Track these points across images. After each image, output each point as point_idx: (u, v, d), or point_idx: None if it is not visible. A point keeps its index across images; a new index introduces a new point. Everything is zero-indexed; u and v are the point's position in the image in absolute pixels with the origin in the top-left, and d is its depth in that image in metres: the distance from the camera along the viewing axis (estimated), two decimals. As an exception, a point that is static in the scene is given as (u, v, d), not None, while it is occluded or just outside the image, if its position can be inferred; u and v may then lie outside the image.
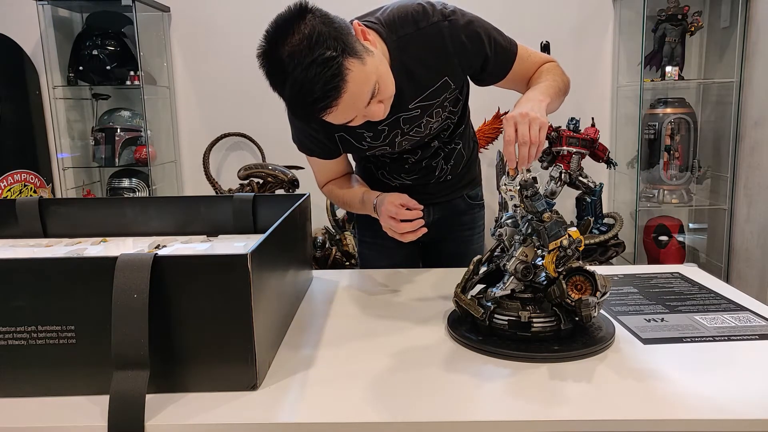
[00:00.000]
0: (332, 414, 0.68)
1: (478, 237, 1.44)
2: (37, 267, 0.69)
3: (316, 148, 1.19)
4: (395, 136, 1.15)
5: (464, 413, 0.67)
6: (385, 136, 1.14)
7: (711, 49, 2.78)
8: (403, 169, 1.28)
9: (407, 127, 1.14)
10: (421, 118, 1.13)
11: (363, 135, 1.14)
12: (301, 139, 1.18)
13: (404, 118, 1.12)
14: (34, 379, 0.71)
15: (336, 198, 1.27)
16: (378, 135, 1.14)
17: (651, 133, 2.70)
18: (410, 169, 1.27)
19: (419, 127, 1.15)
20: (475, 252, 1.41)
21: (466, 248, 1.41)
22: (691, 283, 1.12)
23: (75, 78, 2.77)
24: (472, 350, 0.84)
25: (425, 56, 1.07)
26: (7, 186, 2.71)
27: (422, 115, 1.13)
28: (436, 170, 1.29)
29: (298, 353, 0.84)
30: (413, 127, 1.14)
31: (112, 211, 1.16)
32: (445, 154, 1.27)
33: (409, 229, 1.04)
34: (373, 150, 1.18)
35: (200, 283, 0.69)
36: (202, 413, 0.67)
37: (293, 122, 1.17)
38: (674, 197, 2.73)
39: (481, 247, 1.44)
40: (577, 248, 0.82)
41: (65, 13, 2.84)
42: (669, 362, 0.79)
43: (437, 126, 1.18)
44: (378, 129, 1.12)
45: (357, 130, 1.12)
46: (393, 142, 1.16)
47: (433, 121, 1.16)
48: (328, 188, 1.27)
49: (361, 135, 1.14)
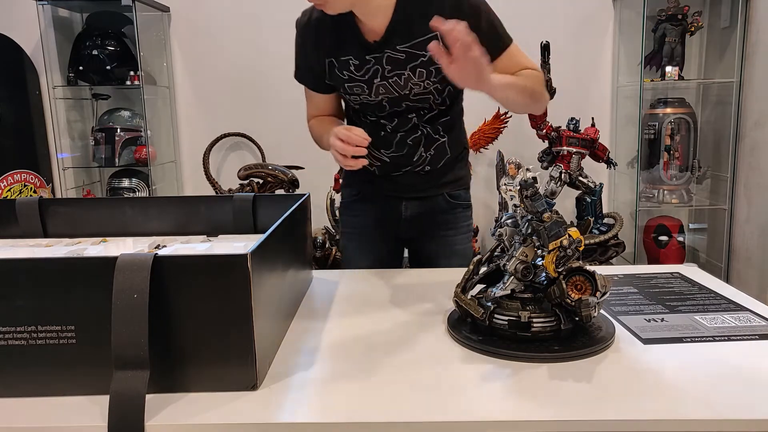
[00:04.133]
0: (332, 414, 0.68)
1: (462, 238, 1.42)
2: (37, 267, 0.69)
3: (309, 76, 1.30)
4: (375, 75, 1.20)
5: (464, 413, 0.67)
6: (368, 69, 1.20)
7: (711, 49, 2.78)
8: (381, 138, 1.29)
9: (389, 69, 1.19)
10: (404, 67, 1.18)
11: (349, 62, 1.21)
12: (299, 64, 1.30)
13: (389, 57, 1.18)
14: (34, 379, 0.71)
15: (313, 132, 1.34)
16: (362, 66, 1.21)
17: (651, 133, 2.70)
18: (387, 139, 1.29)
19: (399, 78, 1.20)
20: (459, 254, 1.40)
21: (448, 249, 1.40)
22: (691, 283, 1.12)
23: (75, 78, 2.77)
24: (472, 350, 0.84)
25: (425, 6, 1.13)
26: (7, 186, 2.71)
27: (406, 64, 1.18)
28: (414, 154, 1.30)
29: (298, 353, 0.84)
30: (394, 74, 1.19)
31: (112, 211, 1.16)
32: (425, 138, 1.29)
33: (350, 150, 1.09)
34: (353, 87, 1.23)
35: (200, 283, 0.69)
36: (202, 413, 0.67)
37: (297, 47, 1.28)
38: (674, 197, 2.73)
39: (466, 249, 1.43)
40: (577, 248, 0.82)
41: (65, 13, 2.84)
42: (669, 362, 0.79)
43: (417, 92, 1.22)
44: (366, 58, 1.20)
45: (343, 58, 1.21)
46: (372, 82, 1.21)
47: (415, 80, 1.20)
48: (311, 123, 1.35)
49: (347, 62, 1.21)
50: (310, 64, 1.28)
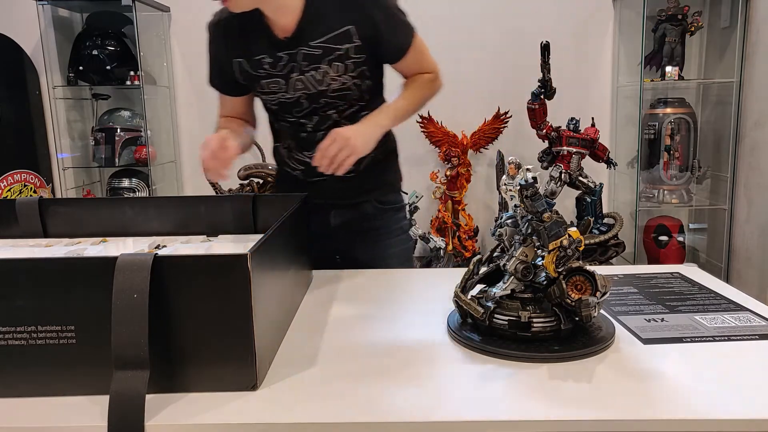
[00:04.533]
0: (332, 414, 0.68)
1: (396, 241, 1.39)
2: (37, 267, 0.69)
3: (221, 78, 1.30)
4: (291, 71, 1.19)
5: (464, 413, 0.67)
6: (283, 66, 1.19)
7: (711, 49, 2.78)
8: (302, 140, 1.29)
9: (306, 64, 1.18)
10: (321, 61, 1.18)
11: (262, 61, 1.20)
12: (212, 66, 1.30)
13: (305, 53, 1.18)
14: (34, 379, 0.71)
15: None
16: (276, 63, 1.19)
17: (651, 133, 2.70)
18: (308, 140, 1.27)
19: (316, 72, 1.19)
20: (396, 256, 1.37)
21: (383, 252, 1.36)
22: (691, 283, 1.12)
23: (75, 78, 2.78)
24: (472, 350, 0.84)
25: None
26: (7, 186, 2.71)
27: (322, 58, 1.18)
28: None
29: (298, 353, 0.84)
30: (311, 69, 1.19)
31: (112, 211, 1.16)
32: None
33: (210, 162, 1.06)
34: (270, 84, 1.22)
35: (200, 283, 0.69)
36: (202, 413, 0.67)
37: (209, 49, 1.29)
38: (674, 197, 2.73)
39: (404, 250, 1.40)
40: (577, 248, 0.82)
41: (65, 13, 2.84)
42: (669, 362, 0.79)
43: (336, 88, 1.21)
44: (277, 55, 1.18)
45: (255, 57, 1.20)
46: (289, 77, 1.20)
47: (332, 74, 1.19)
48: (219, 123, 1.35)
49: (259, 62, 1.20)
50: (221, 66, 1.27)
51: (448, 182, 2.76)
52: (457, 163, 2.71)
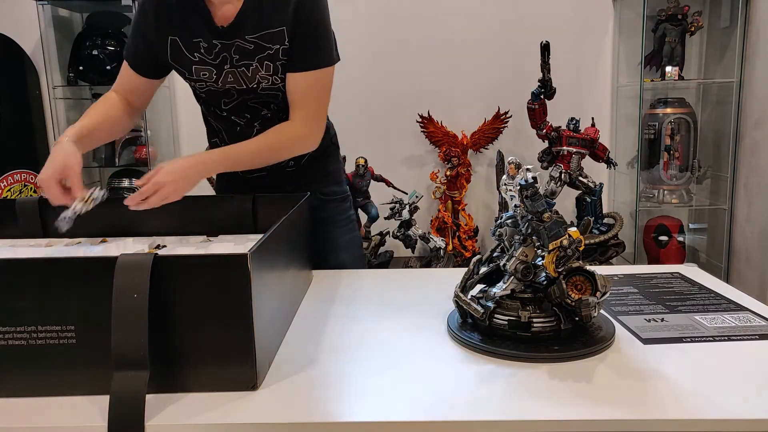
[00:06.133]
0: (332, 414, 0.68)
1: (343, 231, 1.38)
2: (37, 267, 0.69)
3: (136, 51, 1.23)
4: (224, 62, 1.18)
5: (464, 413, 0.67)
6: (217, 53, 1.17)
7: (711, 49, 2.78)
8: (238, 134, 1.27)
9: (237, 58, 1.17)
10: (253, 58, 1.17)
11: (199, 44, 1.17)
12: (134, 36, 1.22)
13: (237, 46, 1.16)
14: (34, 379, 0.71)
15: (93, 105, 1.25)
16: (211, 49, 1.17)
17: (651, 133, 2.70)
18: (245, 134, 1.26)
19: (247, 69, 1.18)
20: (344, 247, 1.37)
21: (331, 245, 1.36)
22: (691, 283, 1.12)
23: (75, 78, 2.77)
24: (472, 350, 0.84)
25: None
26: (7, 186, 2.71)
27: (254, 55, 1.16)
28: None
29: (298, 353, 0.84)
30: (242, 63, 1.17)
31: (112, 211, 1.16)
32: None
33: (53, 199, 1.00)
34: (201, 71, 1.20)
35: (200, 283, 0.69)
36: (202, 413, 0.67)
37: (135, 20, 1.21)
38: (674, 197, 2.73)
39: (351, 239, 1.40)
40: (577, 248, 0.82)
41: (65, 13, 2.84)
42: (669, 362, 0.79)
43: (266, 86, 1.20)
44: (213, 42, 1.16)
45: (194, 39, 1.17)
46: (222, 68, 1.18)
47: (262, 73, 1.18)
48: (104, 96, 1.27)
49: (197, 44, 1.17)
50: (148, 40, 1.20)
51: (448, 182, 2.76)
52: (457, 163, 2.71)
